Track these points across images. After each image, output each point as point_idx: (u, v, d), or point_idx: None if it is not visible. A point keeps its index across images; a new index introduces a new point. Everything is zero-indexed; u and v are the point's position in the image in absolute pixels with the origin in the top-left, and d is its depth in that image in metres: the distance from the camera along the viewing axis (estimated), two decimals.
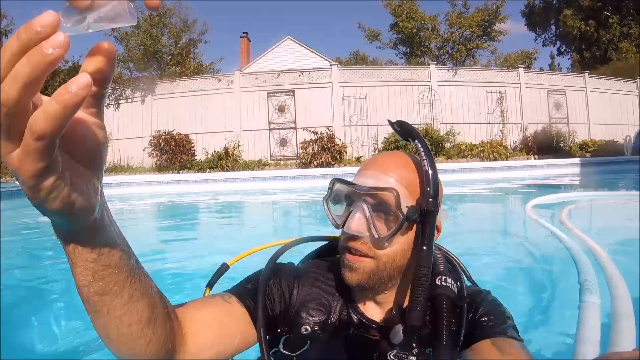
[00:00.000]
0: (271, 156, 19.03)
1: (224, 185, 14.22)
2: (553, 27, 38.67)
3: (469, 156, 17.48)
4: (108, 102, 20.48)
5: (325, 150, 17.24)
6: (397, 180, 1.13)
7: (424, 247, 1.12)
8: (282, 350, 1.22)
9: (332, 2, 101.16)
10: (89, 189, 0.63)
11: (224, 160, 17.38)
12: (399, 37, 25.23)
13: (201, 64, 24.28)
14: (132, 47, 20.40)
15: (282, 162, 18.63)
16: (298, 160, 18.10)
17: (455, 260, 1.43)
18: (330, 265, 1.34)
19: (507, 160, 17.11)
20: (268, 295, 1.23)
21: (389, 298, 1.21)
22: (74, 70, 20.12)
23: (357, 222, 1.10)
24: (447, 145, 18.53)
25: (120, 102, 20.48)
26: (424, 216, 1.11)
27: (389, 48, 26.81)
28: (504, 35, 23.56)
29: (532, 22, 38.65)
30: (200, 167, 17.65)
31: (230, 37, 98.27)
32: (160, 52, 20.94)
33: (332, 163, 17.11)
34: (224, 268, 1.58)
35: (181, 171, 17.69)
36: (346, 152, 18.28)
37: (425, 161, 1.12)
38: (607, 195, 9.29)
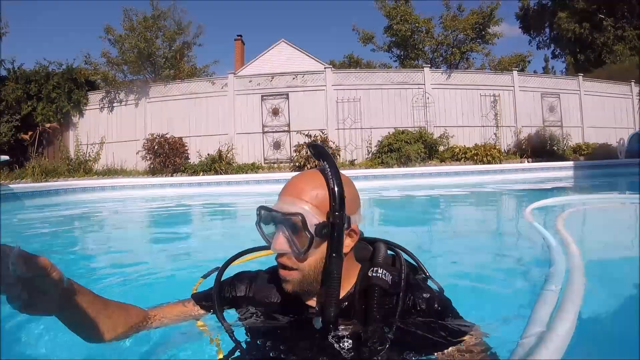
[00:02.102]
0: (265, 159, 18.99)
1: (218, 189, 14.20)
2: (547, 30, 38.90)
3: (463, 159, 17.48)
4: (102, 105, 20.47)
5: None
6: (309, 202, 1.36)
7: (334, 255, 1.35)
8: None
9: (327, 5, 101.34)
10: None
11: (218, 164, 17.35)
12: (393, 39, 25.22)
13: (195, 67, 24.26)
14: (126, 50, 20.32)
15: (275, 165, 18.61)
16: (292, 164, 18.08)
17: (411, 257, 1.78)
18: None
19: (500, 163, 17.11)
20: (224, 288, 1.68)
21: (318, 296, 1.44)
22: (68, 72, 20.10)
23: (280, 242, 1.36)
24: (441, 148, 18.53)
25: (114, 105, 20.42)
26: (332, 228, 1.34)
27: (383, 51, 26.80)
28: (498, 38, 23.52)
29: (526, 24, 38.86)
30: (194, 170, 17.60)
31: (224, 40, 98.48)
32: (154, 55, 20.88)
33: None
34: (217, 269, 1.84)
35: (175, 174, 17.64)
36: (340, 155, 18.27)
37: (331, 180, 1.34)
38: (606, 197, 9.29)
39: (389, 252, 1.64)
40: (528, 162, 17.92)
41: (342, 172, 1.41)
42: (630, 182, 12.63)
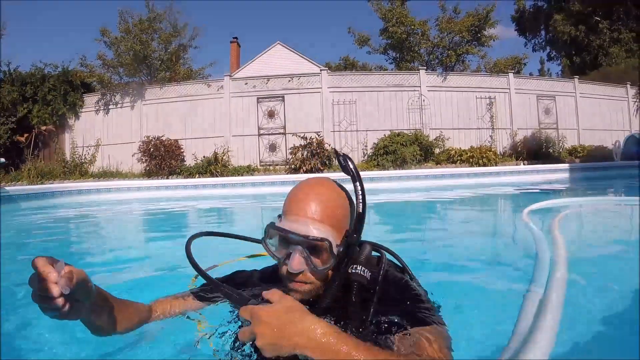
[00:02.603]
0: (260, 162, 18.98)
1: (214, 191, 14.18)
2: (543, 33, 38.93)
3: (458, 162, 17.50)
4: (98, 107, 20.45)
5: (314, 156, 17.25)
6: (331, 225, 1.40)
7: (340, 270, 1.42)
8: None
9: (322, 8, 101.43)
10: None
11: (213, 166, 17.34)
12: (388, 42, 25.29)
13: (191, 69, 24.31)
14: (122, 53, 20.34)
15: (271, 168, 18.60)
16: (287, 166, 18.09)
17: (396, 259, 1.88)
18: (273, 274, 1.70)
19: (496, 165, 17.12)
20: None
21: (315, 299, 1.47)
22: (63, 74, 20.07)
23: (297, 262, 1.37)
24: (437, 150, 18.55)
25: (109, 107, 20.41)
26: (347, 248, 1.40)
27: (379, 53, 26.91)
28: (494, 40, 23.65)
29: (522, 27, 38.91)
30: (190, 172, 17.59)
31: (220, 42, 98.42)
32: (150, 57, 20.90)
33: (322, 168, 17.11)
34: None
35: (170, 177, 17.63)
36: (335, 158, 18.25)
37: (360, 204, 1.40)
38: (605, 200, 9.29)
39: (375, 253, 1.69)
40: (524, 164, 17.95)
41: (339, 174, 1.46)
42: (626, 184, 12.65)
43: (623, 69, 27.14)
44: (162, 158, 17.98)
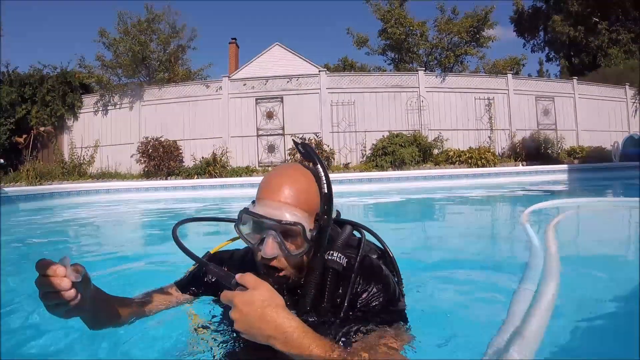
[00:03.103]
0: (259, 162, 18.97)
1: (212, 192, 14.17)
2: (542, 34, 38.95)
3: (457, 162, 17.50)
4: (96, 108, 20.44)
5: None
6: (303, 208, 1.40)
7: (318, 254, 1.46)
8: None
9: (321, 9, 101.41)
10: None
11: (212, 167, 17.34)
12: (387, 43, 25.27)
13: (190, 70, 24.26)
14: (121, 53, 20.33)
15: (270, 169, 18.55)
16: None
17: (378, 240, 1.98)
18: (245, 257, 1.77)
19: (495, 166, 17.13)
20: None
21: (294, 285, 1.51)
22: (62, 75, 20.06)
23: (271, 247, 1.37)
24: (435, 151, 18.56)
25: (108, 108, 20.40)
26: (320, 231, 1.42)
27: (378, 54, 26.88)
28: (492, 41, 23.61)
29: (521, 28, 38.91)
30: (188, 173, 17.59)
31: (218, 43, 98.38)
32: (149, 58, 20.87)
33: None
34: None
35: (169, 178, 17.63)
36: (334, 158, 18.30)
37: (324, 185, 1.43)
38: (604, 201, 9.30)
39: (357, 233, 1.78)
40: (522, 165, 17.97)
41: (338, 175, 1.47)
42: (625, 185, 12.67)
43: (622, 69, 27.15)
44: (161, 159, 17.99)
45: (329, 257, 1.50)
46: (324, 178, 1.43)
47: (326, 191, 1.43)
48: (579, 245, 4.96)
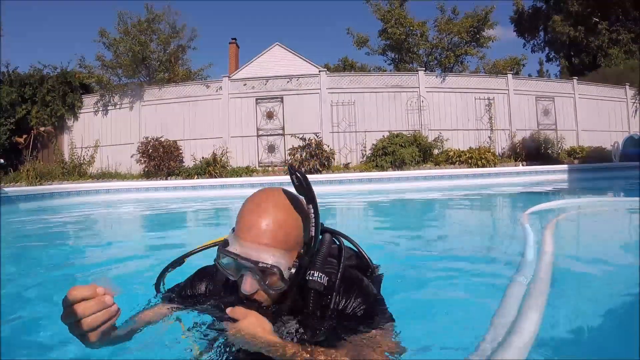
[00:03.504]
0: (259, 163, 18.97)
1: (212, 192, 14.17)
2: (542, 34, 38.93)
3: (457, 163, 17.50)
4: (96, 108, 20.45)
5: (313, 157, 17.25)
6: (283, 248, 1.40)
7: (294, 288, 1.49)
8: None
9: (321, 9, 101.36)
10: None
11: (212, 167, 17.34)
12: (387, 43, 25.26)
13: (190, 70, 24.26)
14: (121, 54, 20.33)
15: (270, 169, 18.58)
16: (286, 167, 18.06)
17: (357, 248, 1.95)
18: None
19: (495, 166, 17.12)
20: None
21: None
22: (62, 75, 20.06)
23: (249, 285, 1.40)
24: (436, 151, 18.55)
25: (108, 108, 20.41)
26: (299, 268, 1.45)
27: (378, 54, 26.88)
28: (492, 41, 23.62)
29: (521, 28, 38.90)
30: (188, 173, 17.59)
31: (218, 43, 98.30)
32: (149, 58, 20.87)
33: (320, 169, 17.11)
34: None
35: (169, 178, 17.63)
36: (334, 159, 18.30)
37: (312, 228, 1.47)
38: (604, 201, 9.29)
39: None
40: (522, 165, 17.97)
41: (337, 175, 1.48)
42: (625, 185, 12.66)
43: (622, 69, 27.14)
44: (161, 159, 17.99)
45: (310, 278, 1.51)
46: (313, 219, 1.46)
47: (313, 234, 1.46)
48: (577, 245, 4.97)
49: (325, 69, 21.29)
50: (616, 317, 2.40)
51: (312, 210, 1.46)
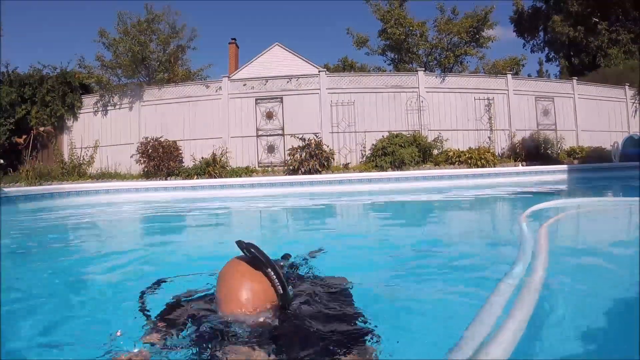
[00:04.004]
0: (259, 163, 18.97)
1: (212, 192, 14.17)
2: (542, 34, 38.94)
3: (457, 163, 17.50)
4: (96, 108, 20.45)
5: (313, 157, 17.23)
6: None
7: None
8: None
9: (321, 9, 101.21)
10: None
11: (212, 167, 17.34)
12: (387, 43, 25.24)
13: (189, 71, 24.24)
14: (120, 54, 20.32)
15: (269, 169, 18.58)
16: (286, 167, 18.08)
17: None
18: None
19: (494, 167, 17.12)
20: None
21: None
22: (62, 76, 20.06)
23: None
24: (435, 151, 18.56)
25: (108, 108, 20.41)
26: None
27: (377, 54, 26.84)
28: (492, 41, 23.59)
29: (520, 28, 38.91)
30: (188, 173, 17.59)
31: (218, 44, 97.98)
32: (149, 58, 20.86)
33: (320, 170, 17.10)
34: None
35: (169, 178, 17.64)
36: (334, 159, 18.29)
37: (278, 286, 1.55)
38: (604, 201, 9.28)
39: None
40: (522, 165, 17.96)
41: (337, 175, 1.51)
42: (625, 186, 12.66)
43: (622, 70, 27.15)
44: (161, 159, 17.99)
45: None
46: (275, 280, 1.54)
47: (282, 291, 1.56)
48: (575, 245, 4.96)
49: (325, 69, 21.28)
50: (616, 316, 2.39)
51: (272, 274, 1.55)
